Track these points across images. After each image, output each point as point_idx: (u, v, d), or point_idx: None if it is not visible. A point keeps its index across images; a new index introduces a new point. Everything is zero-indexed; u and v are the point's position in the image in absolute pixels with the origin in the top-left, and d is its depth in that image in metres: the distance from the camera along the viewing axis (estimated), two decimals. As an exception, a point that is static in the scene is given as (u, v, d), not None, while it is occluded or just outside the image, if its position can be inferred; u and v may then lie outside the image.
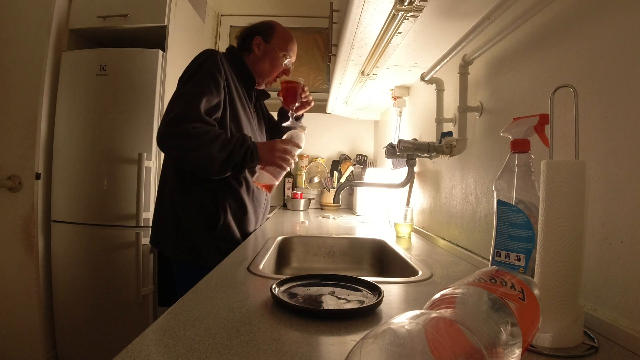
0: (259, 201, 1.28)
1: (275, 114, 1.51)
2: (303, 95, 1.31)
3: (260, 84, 1.32)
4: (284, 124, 1.36)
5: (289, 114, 1.34)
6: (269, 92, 1.40)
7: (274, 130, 1.45)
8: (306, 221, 1.68)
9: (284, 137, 1.19)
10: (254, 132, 1.26)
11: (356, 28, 1.12)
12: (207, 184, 1.13)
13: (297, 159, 1.18)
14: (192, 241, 1.13)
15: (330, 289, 0.64)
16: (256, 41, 1.27)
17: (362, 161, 2.41)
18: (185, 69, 1.12)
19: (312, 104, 1.37)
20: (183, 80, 1.10)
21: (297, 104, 1.31)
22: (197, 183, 1.13)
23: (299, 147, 1.17)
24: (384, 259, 1.17)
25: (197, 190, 1.14)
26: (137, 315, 1.80)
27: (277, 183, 1.16)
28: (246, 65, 1.26)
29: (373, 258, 1.21)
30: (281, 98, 1.32)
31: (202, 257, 1.11)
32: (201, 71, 1.08)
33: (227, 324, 0.48)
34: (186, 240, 1.13)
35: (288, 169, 1.15)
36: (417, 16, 0.90)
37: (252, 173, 1.17)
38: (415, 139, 1.42)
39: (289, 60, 1.31)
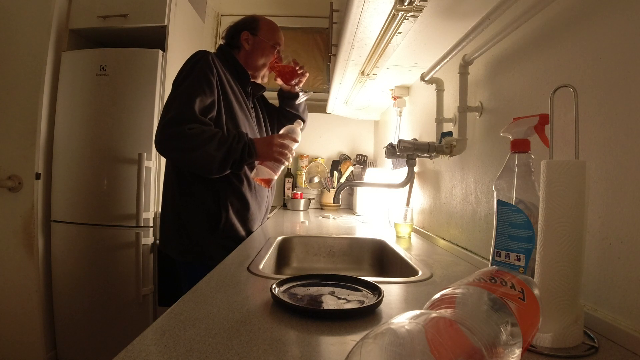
0: (262, 197, 1.29)
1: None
2: (298, 68, 1.35)
3: (257, 78, 1.33)
4: (298, 101, 1.41)
5: (296, 90, 1.39)
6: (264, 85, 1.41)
7: (281, 115, 1.47)
8: (306, 221, 1.68)
9: (281, 131, 1.19)
10: (252, 128, 1.26)
11: (356, 28, 1.12)
12: (208, 183, 1.13)
13: (294, 154, 1.19)
14: (197, 242, 1.13)
15: (330, 289, 0.64)
16: (244, 36, 1.28)
17: (362, 161, 2.41)
18: (178, 71, 1.13)
19: (307, 73, 1.40)
20: (177, 83, 1.11)
21: (297, 79, 1.37)
22: (198, 183, 1.13)
23: (295, 141, 1.18)
24: (384, 259, 1.17)
25: (199, 189, 1.14)
26: (137, 315, 1.80)
27: (275, 177, 1.17)
28: (238, 62, 1.27)
29: (373, 258, 1.21)
30: (279, 80, 1.37)
31: (209, 257, 1.11)
32: (193, 73, 1.09)
33: (227, 324, 0.48)
34: (191, 241, 1.14)
35: (286, 163, 1.16)
36: (417, 16, 0.90)
37: (252, 170, 1.17)
38: (415, 139, 1.42)
39: (279, 49, 1.33)
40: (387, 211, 1.56)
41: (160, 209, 1.26)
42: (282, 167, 1.17)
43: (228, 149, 1.04)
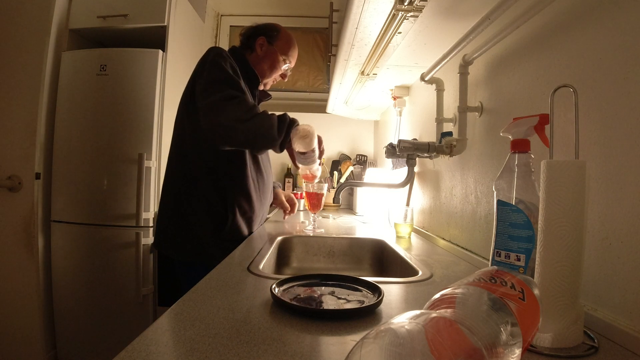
0: (265, 197, 1.29)
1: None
2: (323, 199, 1.37)
3: (259, 85, 1.32)
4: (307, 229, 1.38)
5: (312, 219, 1.39)
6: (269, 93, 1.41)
7: None
8: (306, 221, 1.68)
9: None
10: None
11: (356, 28, 1.12)
12: (216, 183, 1.14)
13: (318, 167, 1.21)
14: (199, 242, 1.13)
15: (330, 289, 0.64)
16: (259, 41, 1.28)
17: (362, 161, 2.41)
18: (199, 64, 1.13)
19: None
20: (207, 70, 1.10)
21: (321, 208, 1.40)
22: (205, 182, 1.14)
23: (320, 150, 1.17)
24: (384, 259, 1.17)
25: (206, 189, 1.14)
26: (137, 315, 1.80)
27: (313, 143, 1.13)
28: (249, 64, 1.26)
29: (373, 258, 1.21)
30: (306, 203, 1.38)
31: (210, 258, 1.11)
32: (221, 62, 1.10)
33: (227, 324, 0.48)
34: (193, 241, 1.13)
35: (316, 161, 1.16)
36: (417, 16, 0.91)
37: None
38: (415, 139, 1.42)
39: (288, 65, 1.33)
40: (387, 211, 1.56)
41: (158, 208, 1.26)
42: (313, 160, 1.16)
43: (279, 116, 1.07)
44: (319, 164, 1.23)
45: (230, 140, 1.06)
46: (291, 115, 1.13)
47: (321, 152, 1.20)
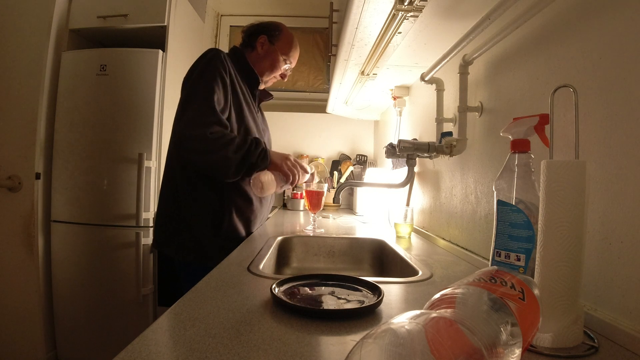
0: (265, 198, 1.29)
1: (269, 114, 1.53)
2: (323, 199, 1.37)
3: (259, 84, 1.32)
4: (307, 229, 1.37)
5: (312, 218, 1.38)
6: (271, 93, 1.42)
7: None
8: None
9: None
10: (259, 131, 1.26)
11: (356, 28, 1.12)
12: (213, 183, 1.13)
13: (301, 183, 1.21)
14: (198, 241, 1.13)
15: (330, 289, 0.64)
16: (261, 40, 1.28)
17: (362, 161, 2.41)
18: (191, 68, 1.13)
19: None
20: (191, 80, 1.11)
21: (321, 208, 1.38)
22: (202, 182, 1.14)
23: (306, 172, 1.19)
24: (384, 259, 1.17)
25: (203, 189, 1.14)
26: (137, 315, 1.80)
27: (272, 191, 1.14)
28: (249, 65, 1.26)
29: (373, 258, 1.21)
30: (306, 202, 1.37)
31: (208, 257, 1.11)
32: (208, 70, 1.10)
33: (227, 324, 0.48)
34: (191, 240, 1.13)
35: (289, 185, 1.16)
36: (417, 16, 0.91)
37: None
38: (415, 139, 1.42)
39: (289, 66, 1.33)
40: (387, 211, 1.56)
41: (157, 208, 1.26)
42: (284, 185, 1.16)
43: (246, 153, 1.05)
44: (310, 174, 1.24)
45: (197, 167, 1.10)
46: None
47: (312, 176, 1.23)
